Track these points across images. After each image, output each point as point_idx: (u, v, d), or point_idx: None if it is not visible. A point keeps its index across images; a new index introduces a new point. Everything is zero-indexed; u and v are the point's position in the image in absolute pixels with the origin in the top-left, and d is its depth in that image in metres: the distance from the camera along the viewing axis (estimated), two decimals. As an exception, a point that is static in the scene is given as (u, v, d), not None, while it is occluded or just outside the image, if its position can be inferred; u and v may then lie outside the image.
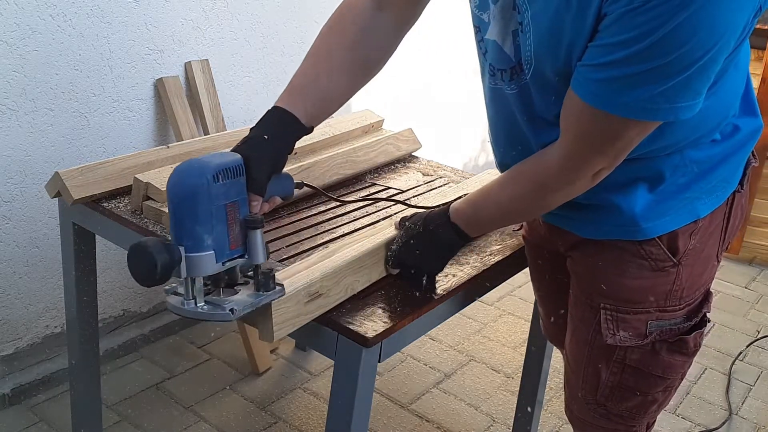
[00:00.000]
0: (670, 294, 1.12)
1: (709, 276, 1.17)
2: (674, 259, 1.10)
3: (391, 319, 1.16)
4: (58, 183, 1.48)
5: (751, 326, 2.74)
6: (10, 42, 1.75)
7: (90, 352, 1.73)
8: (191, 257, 0.95)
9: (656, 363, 1.16)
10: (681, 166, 1.06)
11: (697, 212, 1.08)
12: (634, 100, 0.87)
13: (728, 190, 1.11)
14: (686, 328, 1.16)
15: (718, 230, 1.13)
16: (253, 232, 1.00)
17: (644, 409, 1.22)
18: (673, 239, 1.08)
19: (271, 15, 2.35)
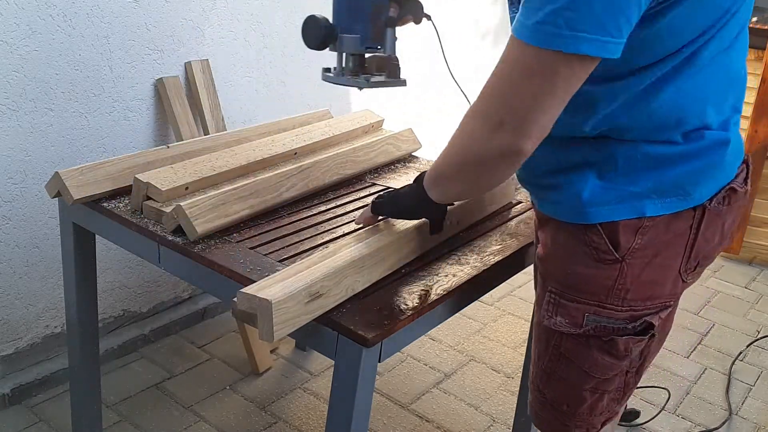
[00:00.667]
0: (612, 291, 1.09)
1: (668, 291, 1.12)
2: (616, 254, 1.07)
3: (391, 319, 1.16)
4: (58, 183, 1.48)
5: (751, 326, 2.74)
6: (10, 42, 1.76)
7: (90, 352, 1.73)
8: (343, 36, 1.27)
9: (585, 357, 1.14)
10: (632, 157, 1.05)
11: (642, 210, 1.05)
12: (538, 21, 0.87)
13: (687, 202, 1.06)
14: (623, 330, 1.12)
15: (680, 243, 1.08)
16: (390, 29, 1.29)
17: (573, 404, 1.20)
18: (614, 231, 1.06)
19: (271, 15, 2.35)
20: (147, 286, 2.30)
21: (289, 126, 1.94)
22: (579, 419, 1.21)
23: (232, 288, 1.27)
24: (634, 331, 1.12)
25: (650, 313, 1.12)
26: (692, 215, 1.07)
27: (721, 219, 1.10)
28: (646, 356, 1.18)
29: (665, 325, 1.18)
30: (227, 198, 1.42)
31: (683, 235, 1.08)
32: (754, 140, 3.06)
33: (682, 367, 2.45)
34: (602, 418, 1.23)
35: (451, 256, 1.40)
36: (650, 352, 1.18)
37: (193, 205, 1.36)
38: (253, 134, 1.84)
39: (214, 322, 2.48)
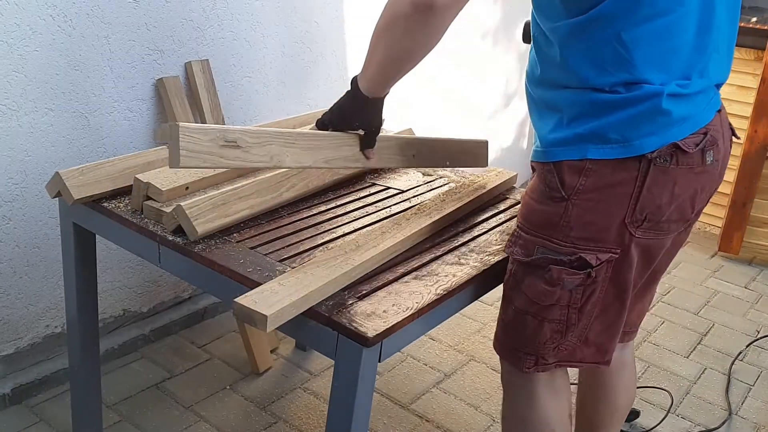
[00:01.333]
0: (558, 226, 1.22)
1: (612, 238, 1.21)
2: (563, 192, 1.20)
3: (391, 319, 1.16)
4: (58, 183, 1.48)
5: (750, 326, 2.74)
6: (11, 42, 1.76)
7: (90, 352, 1.73)
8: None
9: (528, 283, 1.28)
10: (576, 103, 1.18)
11: (584, 152, 1.17)
12: None
13: (628, 150, 1.16)
14: (559, 262, 1.23)
15: (625, 193, 1.18)
16: None
17: (519, 329, 1.32)
18: (561, 171, 1.20)
19: (271, 15, 2.35)
20: (147, 286, 2.30)
21: (289, 126, 1.94)
22: (526, 344, 1.33)
23: (232, 288, 1.28)
24: (569, 264, 1.22)
25: (589, 252, 1.22)
26: (637, 167, 1.17)
27: (669, 178, 1.19)
28: (590, 297, 1.26)
29: (620, 278, 1.26)
30: (227, 198, 1.42)
31: (628, 185, 1.18)
32: (754, 140, 3.07)
33: (682, 367, 2.45)
34: (551, 352, 1.32)
35: (451, 256, 1.40)
36: (597, 296, 1.26)
37: (193, 205, 1.36)
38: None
39: (214, 322, 2.48)
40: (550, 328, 1.30)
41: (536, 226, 1.26)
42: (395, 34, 1.21)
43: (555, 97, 1.22)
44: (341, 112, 1.45)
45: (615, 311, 1.31)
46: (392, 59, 1.28)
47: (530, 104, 1.32)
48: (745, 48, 3.20)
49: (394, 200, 1.65)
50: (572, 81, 1.18)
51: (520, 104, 3.65)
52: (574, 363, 1.36)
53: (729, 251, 3.27)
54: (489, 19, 3.35)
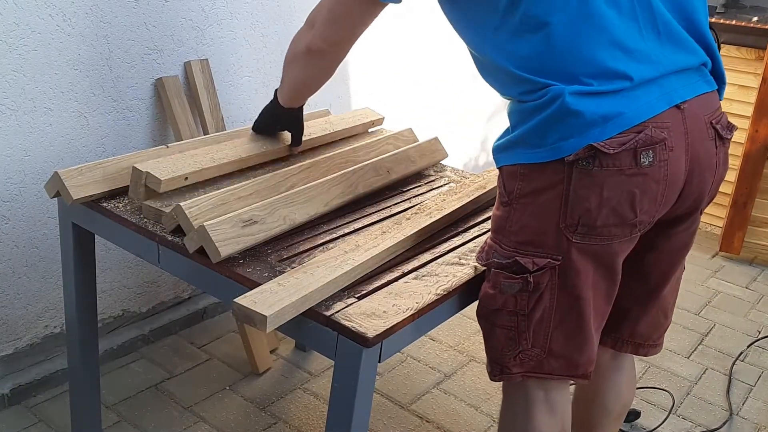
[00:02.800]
0: (504, 230, 1.24)
1: (549, 242, 1.19)
2: (506, 197, 1.24)
3: (391, 320, 1.15)
4: (57, 183, 1.48)
5: (751, 326, 2.74)
6: (10, 42, 1.75)
7: (89, 352, 1.73)
8: None
9: (480, 288, 1.30)
10: (510, 111, 1.24)
11: (516, 157, 1.21)
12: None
13: (549, 153, 1.15)
14: (498, 265, 1.24)
15: (554, 196, 1.17)
16: None
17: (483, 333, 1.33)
18: (503, 175, 1.25)
19: (271, 15, 2.35)
20: (147, 286, 2.29)
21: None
22: (489, 352, 1.33)
23: (231, 288, 1.27)
24: (506, 268, 1.23)
25: (524, 256, 1.21)
26: (561, 169, 1.15)
27: (594, 181, 1.14)
28: (537, 304, 1.23)
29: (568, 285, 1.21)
30: (227, 198, 1.42)
31: (555, 188, 1.17)
32: (756, 140, 3.06)
33: (683, 367, 2.45)
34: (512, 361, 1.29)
35: (451, 256, 1.40)
36: (546, 304, 1.23)
37: (193, 205, 1.35)
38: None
39: (214, 322, 2.48)
40: (501, 334, 1.28)
41: (493, 231, 1.29)
42: (297, 68, 1.48)
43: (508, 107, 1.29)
44: (266, 118, 1.72)
45: (573, 321, 1.26)
46: (298, 84, 1.54)
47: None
48: (746, 47, 3.20)
49: (394, 200, 1.65)
50: (503, 95, 1.28)
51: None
52: (542, 375, 1.31)
53: (730, 251, 3.26)
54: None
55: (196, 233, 1.30)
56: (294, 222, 1.43)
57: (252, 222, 1.35)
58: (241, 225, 1.32)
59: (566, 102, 1.11)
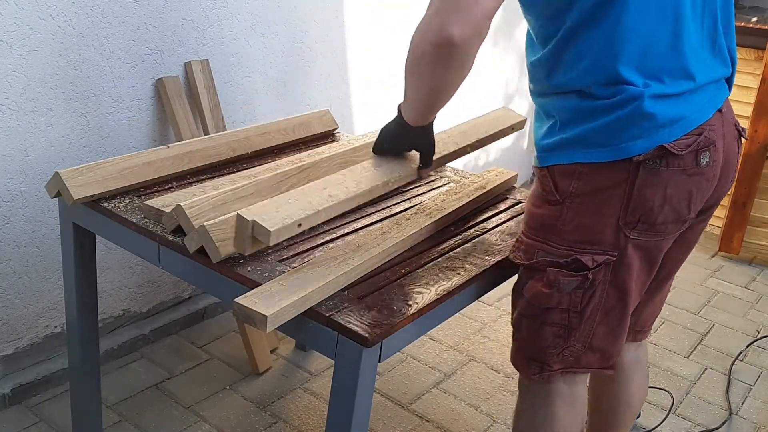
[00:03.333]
0: (555, 229, 1.24)
1: (607, 240, 1.22)
2: (557, 196, 1.23)
3: (391, 319, 1.16)
4: (58, 183, 1.48)
5: (751, 326, 2.74)
6: (10, 42, 1.75)
7: (90, 352, 1.73)
8: None
9: (528, 286, 1.30)
10: (565, 110, 1.21)
11: (573, 156, 1.20)
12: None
13: (615, 153, 1.17)
14: (555, 264, 1.25)
15: (616, 194, 1.19)
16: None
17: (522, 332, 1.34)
18: (554, 175, 1.23)
19: (271, 15, 2.35)
20: (147, 286, 2.29)
21: (289, 126, 1.94)
22: (530, 349, 1.34)
23: (231, 288, 1.28)
24: (565, 266, 1.24)
25: (585, 254, 1.23)
26: (627, 168, 1.17)
27: (660, 180, 1.18)
28: (590, 301, 1.26)
29: (619, 280, 1.26)
30: (227, 198, 1.42)
31: (619, 187, 1.19)
32: (755, 140, 3.07)
33: (682, 367, 2.45)
34: (554, 358, 1.32)
35: (452, 257, 1.40)
36: (598, 300, 1.26)
37: (193, 205, 1.36)
38: (253, 134, 1.84)
39: (214, 322, 2.48)
40: (551, 333, 1.30)
41: (535, 230, 1.28)
42: (423, 73, 1.22)
43: (547, 104, 1.25)
44: (391, 138, 1.52)
45: (617, 315, 1.31)
46: (426, 94, 1.30)
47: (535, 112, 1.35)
48: (746, 48, 3.20)
49: (394, 200, 1.65)
50: (558, 88, 1.21)
51: (520, 104, 3.64)
52: (579, 369, 1.35)
53: (729, 251, 3.26)
54: (489, 18, 3.34)
55: (197, 233, 1.30)
56: None
57: None
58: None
59: (644, 105, 1.15)
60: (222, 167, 1.74)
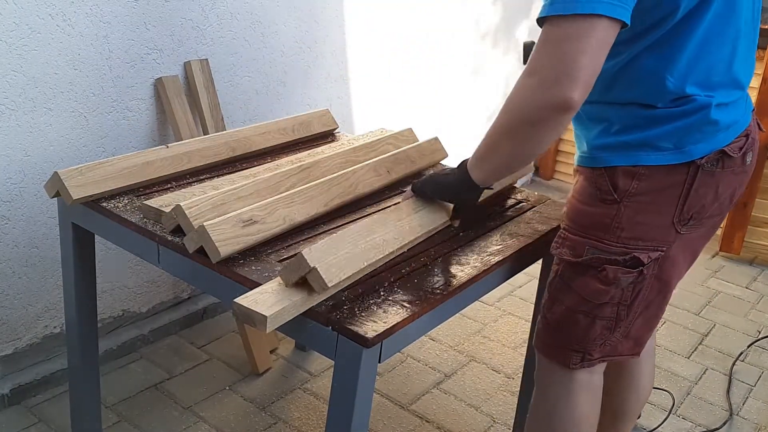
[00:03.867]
0: (609, 228, 1.28)
1: (660, 236, 1.28)
2: (615, 195, 1.26)
3: (391, 319, 1.15)
4: (57, 183, 1.48)
5: (751, 326, 2.74)
6: (9, 41, 1.75)
7: (89, 352, 1.73)
8: None
9: (580, 283, 1.33)
10: (626, 116, 1.25)
11: (638, 158, 1.24)
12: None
13: (680, 157, 1.23)
14: (614, 262, 1.29)
15: (674, 195, 1.25)
16: None
17: (567, 327, 1.37)
18: (614, 175, 1.26)
19: (271, 15, 2.35)
20: (147, 286, 2.29)
21: (289, 126, 1.94)
22: (575, 342, 1.37)
23: (231, 288, 1.27)
24: (623, 264, 1.28)
25: (641, 251, 1.28)
26: (686, 171, 1.24)
27: (714, 180, 1.27)
28: (639, 294, 1.32)
29: (663, 274, 1.32)
30: (227, 198, 1.42)
31: (677, 188, 1.25)
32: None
33: (683, 367, 2.45)
34: (597, 348, 1.37)
35: (452, 256, 1.40)
36: (644, 293, 1.33)
37: (192, 204, 1.35)
38: (253, 134, 1.84)
39: (214, 322, 2.48)
40: (601, 325, 1.35)
41: (585, 228, 1.31)
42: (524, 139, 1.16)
43: (598, 110, 1.29)
44: (445, 190, 1.40)
45: (657, 306, 1.37)
46: (516, 160, 1.23)
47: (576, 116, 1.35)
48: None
49: (394, 200, 1.65)
50: (617, 99, 1.26)
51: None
52: (615, 357, 1.41)
53: (730, 251, 3.26)
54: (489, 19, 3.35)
55: (196, 233, 1.30)
56: (294, 222, 1.43)
57: (252, 222, 1.35)
58: (241, 225, 1.32)
59: (711, 113, 1.22)
60: (222, 167, 1.74)
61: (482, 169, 1.28)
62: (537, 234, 1.51)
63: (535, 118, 1.11)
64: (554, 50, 1.06)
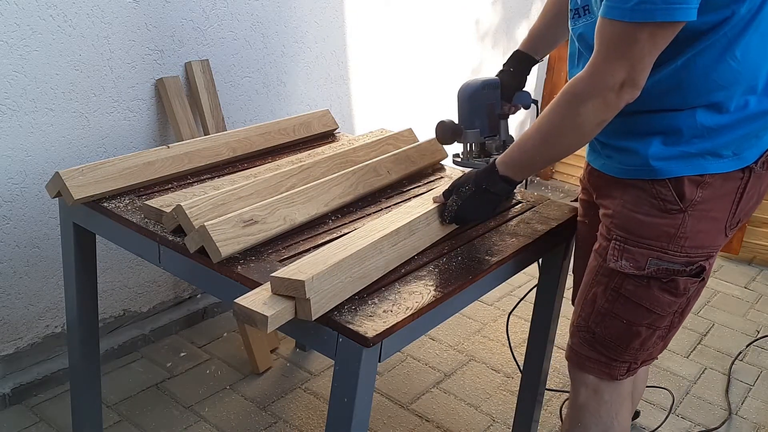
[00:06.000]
0: (674, 238, 1.27)
1: (714, 242, 1.29)
2: (680, 204, 1.25)
3: (391, 319, 1.16)
4: (58, 183, 1.48)
5: (750, 326, 2.74)
6: (11, 42, 1.76)
7: (90, 352, 1.73)
8: (467, 131, 1.59)
9: (646, 296, 1.31)
10: (691, 125, 1.22)
11: (704, 167, 1.24)
12: (637, 3, 1.07)
13: (738, 162, 1.24)
14: (681, 272, 1.29)
15: (729, 199, 1.27)
16: (503, 121, 1.62)
17: (627, 340, 1.36)
18: (680, 185, 1.25)
19: (271, 15, 2.35)
20: (147, 286, 2.30)
21: (289, 126, 1.94)
22: (628, 354, 1.37)
23: (231, 288, 1.28)
24: (690, 273, 1.29)
25: (702, 259, 1.30)
26: (740, 176, 1.26)
27: (761, 181, 1.29)
28: (690, 299, 1.34)
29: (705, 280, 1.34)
30: (227, 198, 1.42)
31: (732, 194, 1.27)
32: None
33: (682, 367, 2.45)
34: (645, 355, 1.39)
35: (451, 256, 1.40)
36: (693, 297, 1.35)
37: (193, 205, 1.36)
38: (253, 134, 1.84)
39: (214, 322, 2.48)
40: (657, 335, 1.36)
41: (647, 239, 1.29)
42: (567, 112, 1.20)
43: (653, 124, 1.26)
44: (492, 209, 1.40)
45: (690, 309, 1.39)
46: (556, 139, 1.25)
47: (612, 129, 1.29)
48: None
49: (394, 200, 1.65)
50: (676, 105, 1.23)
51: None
52: (650, 361, 1.42)
53: (729, 251, 3.26)
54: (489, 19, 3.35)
55: (197, 233, 1.30)
56: (294, 222, 1.43)
57: (252, 222, 1.35)
58: (242, 225, 1.33)
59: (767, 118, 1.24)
60: (222, 167, 1.75)
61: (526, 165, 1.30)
62: (536, 234, 1.51)
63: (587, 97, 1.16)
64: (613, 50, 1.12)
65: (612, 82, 1.13)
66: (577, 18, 1.32)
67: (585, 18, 1.28)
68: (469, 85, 1.60)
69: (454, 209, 1.38)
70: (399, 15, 2.86)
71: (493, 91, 1.61)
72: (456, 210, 1.38)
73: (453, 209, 1.39)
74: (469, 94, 1.59)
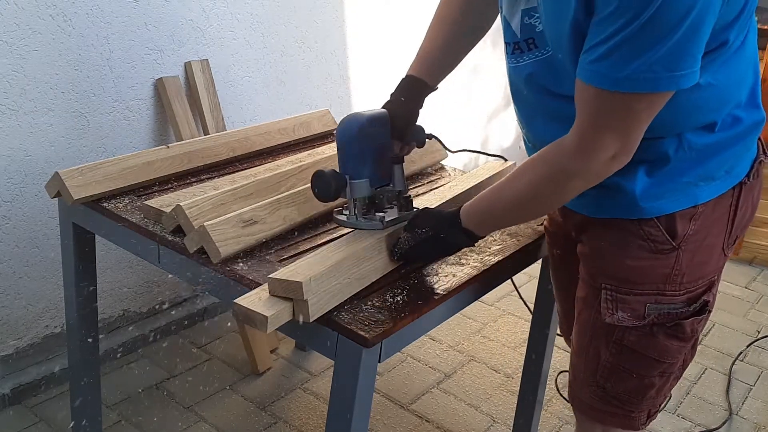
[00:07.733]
0: (670, 278, 1.15)
1: (713, 267, 1.19)
2: (673, 243, 1.13)
3: (391, 319, 1.16)
4: (58, 183, 1.48)
5: (751, 326, 2.74)
6: (10, 42, 1.75)
7: (90, 352, 1.73)
8: (353, 183, 1.25)
9: (653, 346, 1.19)
10: (679, 151, 1.09)
11: (696, 197, 1.12)
12: (633, 72, 0.91)
13: (731, 181, 1.14)
14: (685, 313, 1.18)
15: (722, 220, 1.16)
16: (397, 166, 1.32)
17: (641, 393, 1.24)
18: (672, 222, 1.12)
19: (271, 15, 2.35)
20: (147, 286, 2.29)
21: (289, 126, 1.94)
22: (647, 403, 1.25)
23: (231, 288, 1.28)
24: (694, 312, 1.18)
25: (704, 292, 1.18)
26: (732, 194, 1.14)
27: (752, 192, 1.18)
28: (700, 330, 1.23)
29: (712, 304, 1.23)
30: (227, 198, 1.42)
31: (725, 214, 1.15)
32: (755, 140, 3.06)
33: (682, 367, 2.45)
34: (663, 398, 1.28)
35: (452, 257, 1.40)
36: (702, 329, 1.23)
37: (193, 205, 1.36)
38: (253, 134, 1.84)
39: (214, 322, 2.48)
40: (673, 377, 1.25)
41: (640, 284, 1.16)
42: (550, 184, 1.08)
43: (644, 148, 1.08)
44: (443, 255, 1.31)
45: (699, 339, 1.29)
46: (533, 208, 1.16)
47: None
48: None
49: (394, 200, 1.65)
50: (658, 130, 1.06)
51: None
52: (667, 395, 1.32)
53: (729, 251, 3.26)
54: (489, 18, 3.34)
55: (197, 233, 1.30)
56: (294, 222, 1.43)
57: (252, 222, 1.35)
58: (242, 225, 1.33)
59: (759, 131, 1.15)
60: (222, 167, 1.74)
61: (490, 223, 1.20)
62: (537, 234, 1.51)
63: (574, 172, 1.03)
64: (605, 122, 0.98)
65: (604, 157, 1.00)
66: (518, 54, 1.12)
67: (532, 54, 1.09)
68: (352, 121, 1.24)
69: (405, 248, 1.25)
70: (399, 15, 2.85)
71: (383, 127, 1.28)
72: (407, 250, 1.25)
73: (404, 248, 1.25)
74: (353, 134, 1.24)
